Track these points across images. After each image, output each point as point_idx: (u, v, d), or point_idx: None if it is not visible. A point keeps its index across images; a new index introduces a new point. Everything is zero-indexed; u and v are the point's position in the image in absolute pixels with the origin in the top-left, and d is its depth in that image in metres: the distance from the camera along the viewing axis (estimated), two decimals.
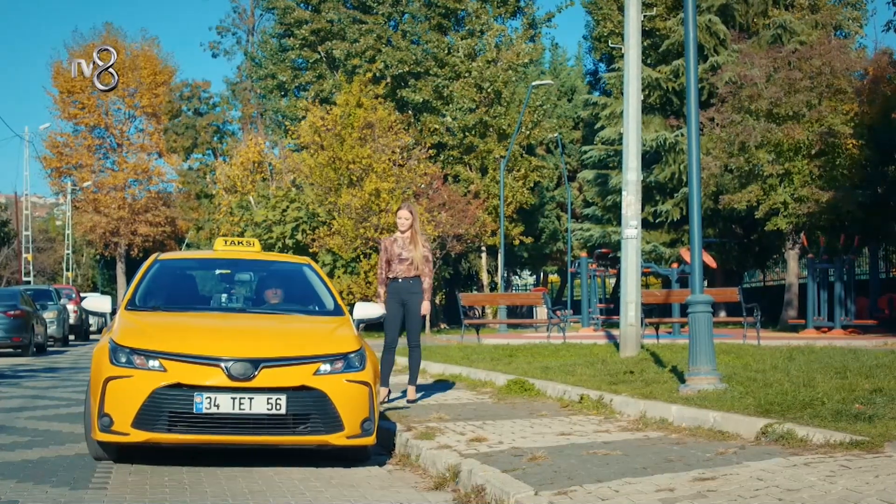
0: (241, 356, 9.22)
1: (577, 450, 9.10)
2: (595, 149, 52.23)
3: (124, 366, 9.23)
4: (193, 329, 10.16)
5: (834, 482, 6.95)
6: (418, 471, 9.33)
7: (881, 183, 41.88)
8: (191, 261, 13.78)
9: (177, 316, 10.73)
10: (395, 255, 13.91)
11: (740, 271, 53.75)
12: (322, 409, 9.23)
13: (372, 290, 37.47)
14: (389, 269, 14.00)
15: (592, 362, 17.45)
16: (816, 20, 45.04)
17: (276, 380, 9.18)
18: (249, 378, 9.10)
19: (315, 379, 9.31)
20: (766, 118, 37.82)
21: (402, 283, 13.92)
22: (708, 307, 12.67)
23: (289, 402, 9.12)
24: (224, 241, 12.58)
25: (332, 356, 9.58)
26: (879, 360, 15.00)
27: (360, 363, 9.68)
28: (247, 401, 9.06)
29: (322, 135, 38.72)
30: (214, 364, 9.15)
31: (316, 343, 9.92)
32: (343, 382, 9.40)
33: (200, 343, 9.53)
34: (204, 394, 9.05)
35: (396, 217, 14.29)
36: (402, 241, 13.97)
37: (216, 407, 9.02)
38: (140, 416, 9.02)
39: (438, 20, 54.30)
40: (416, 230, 14.11)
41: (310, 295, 11.81)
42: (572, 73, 75.28)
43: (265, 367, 9.18)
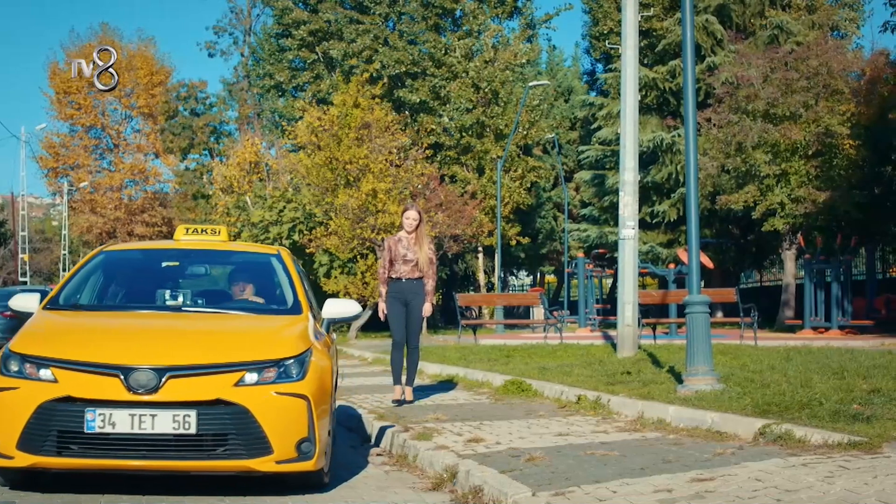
0: (144, 364, 7.78)
1: (575, 450, 9.10)
2: (592, 149, 52.22)
3: (13, 375, 7.88)
4: (100, 331, 8.74)
5: (832, 483, 6.94)
6: (416, 471, 9.31)
7: (878, 183, 41.88)
8: (138, 252, 11.88)
9: (95, 316, 9.35)
10: (400, 255, 13.64)
11: (737, 272, 53.76)
12: (243, 427, 7.75)
13: (369, 291, 37.43)
14: (392, 268, 13.71)
15: (590, 363, 17.47)
16: (813, 21, 45.07)
17: (186, 392, 7.74)
18: (152, 390, 7.67)
19: (235, 391, 7.81)
20: (763, 118, 37.82)
21: (406, 284, 13.68)
22: (705, 308, 12.67)
23: (200, 420, 7.67)
24: (185, 228, 10.91)
25: (260, 363, 8.05)
26: (877, 361, 15.01)
27: (298, 372, 8.13)
28: (148, 418, 7.63)
29: (319, 135, 38.66)
30: (113, 373, 7.73)
31: (245, 347, 8.33)
32: (271, 395, 7.90)
33: (102, 348, 8.07)
34: (97, 409, 7.61)
35: (403, 217, 13.87)
36: (406, 241, 13.70)
37: (111, 425, 7.59)
38: (25, 435, 7.65)
39: (435, 20, 54.23)
40: (423, 232, 13.89)
41: (271, 290, 10.19)
42: (569, 73, 75.25)
43: (172, 377, 7.75)
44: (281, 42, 57.78)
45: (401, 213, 14.18)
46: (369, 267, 37.67)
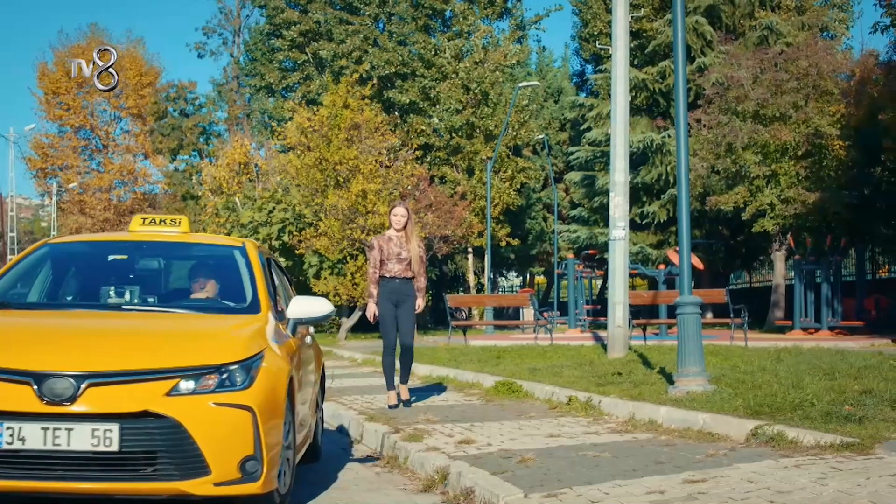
0: (60, 370, 6.67)
1: (567, 451, 9.06)
2: (582, 150, 52.25)
3: None
4: (16, 333, 7.53)
5: (825, 484, 6.91)
6: (407, 473, 9.28)
7: (867, 184, 41.90)
8: (86, 244, 10.42)
9: (20, 316, 8.18)
10: (393, 253, 13.26)
11: (727, 273, 53.76)
12: (175, 444, 6.64)
13: (358, 292, 37.40)
14: (383, 268, 13.29)
15: (580, 363, 17.44)
16: (803, 21, 45.13)
17: (107, 403, 6.62)
18: (68, 400, 6.57)
19: (166, 402, 6.68)
20: (753, 119, 37.84)
21: (398, 284, 13.31)
22: (697, 308, 12.65)
23: (124, 435, 6.56)
24: (141, 219, 9.63)
25: (199, 369, 6.91)
26: (867, 362, 15.00)
27: (244, 379, 6.98)
28: (63, 433, 6.53)
29: (308, 136, 38.60)
30: (23, 381, 6.64)
31: (183, 351, 7.13)
32: (209, 407, 6.76)
33: (13, 352, 6.92)
34: (5, 422, 6.53)
35: (391, 215, 13.51)
36: (397, 239, 13.34)
37: (21, 441, 6.52)
38: None
39: (425, 21, 54.26)
40: (412, 229, 13.54)
41: (230, 286, 8.80)
42: (559, 74, 75.22)
43: (92, 385, 6.65)
44: (272, 42, 57.74)
45: (389, 211, 13.83)
46: (359, 268, 37.63)
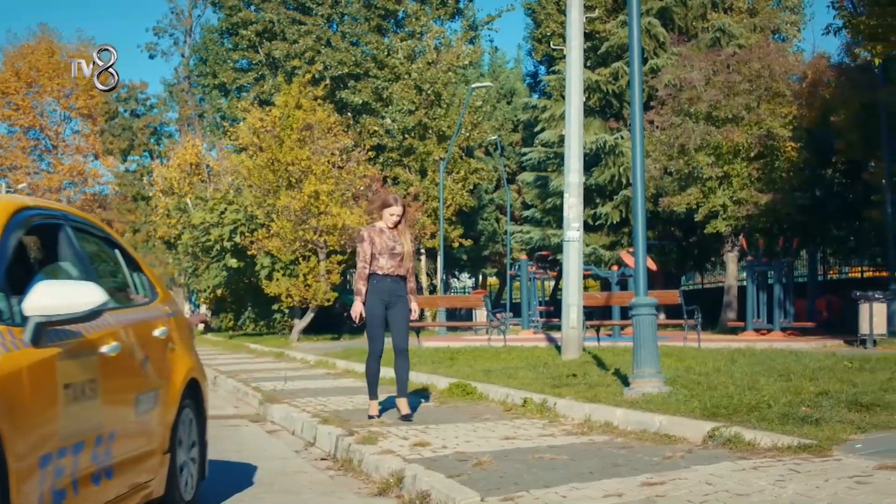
0: None
1: (523, 454, 8.98)
2: (535, 151, 52.25)
3: None
4: None
5: (784, 486, 6.86)
6: (361, 476, 9.14)
7: (819, 186, 42.20)
8: None
9: None
10: (387, 248, 11.96)
11: (679, 274, 53.95)
12: None
13: (311, 293, 37.23)
14: (373, 264, 11.99)
15: (535, 365, 17.40)
16: (755, 24, 45.34)
17: None
18: None
19: None
20: (706, 121, 37.99)
21: (391, 283, 12.05)
22: (652, 310, 12.63)
23: None
24: None
25: None
26: (822, 363, 15.04)
27: None
28: None
29: (261, 136, 38.42)
30: None
31: None
32: None
33: None
34: None
35: (385, 212, 12.16)
36: (389, 232, 12.07)
37: None
38: None
39: (378, 22, 54.18)
40: (404, 225, 12.33)
41: None
42: (511, 75, 75.34)
43: None
44: (227, 42, 57.49)
45: (378, 207, 12.46)
46: (311, 269, 37.47)
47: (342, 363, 22.40)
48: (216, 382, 20.86)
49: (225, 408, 15.79)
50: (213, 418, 14.04)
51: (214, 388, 19.92)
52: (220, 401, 17.03)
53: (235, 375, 20.87)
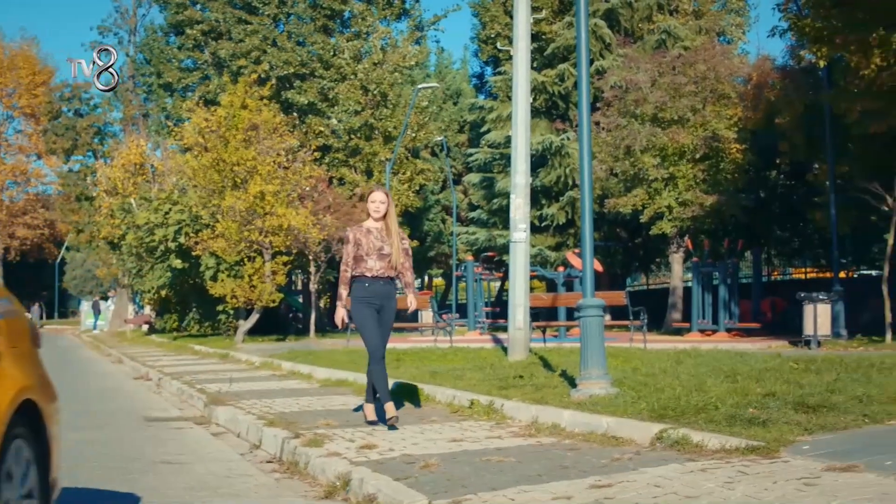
0: None
1: (470, 457, 8.93)
2: (481, 152, 52.30)
3: None
4: None
5: (732, 488, 6.85)
6: (307, 479, 9.07)
7: (764, 187, 42.51)
8: None
9: None
10: (374, 248, 11.34)
11: (624, 275, 54.14)
12: None
13: (256, 294, 37.05)
14: (360, 266, 11.37)
15: (481, 367, 17.35)
16: (700, 26, 45.55)
17: None
18: None
19: None
20: (652, 122, 38.13)
21: (380, 286, 11.41)
22: (600, 311, 12.61)
23: None
24: None
25: None
26: (768, 364, 15.08)
27: None
28: None
29: (206, 136, 38.23)
30: None
31: None
32: None
33: None
34: None
35: (368, 201, 11.55)
36: (377, 231, 11.44)
37: None
38: None
39: (324, 22, 53.98)
40: (392, 219, 11.57)
41: None
42: (458, 76, 75.40)
43: None
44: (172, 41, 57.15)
45: (365, 197, 11.76)
46: (257, 270, 37.30)
47: (287, 365, 22.33)
48: (160, 384, 20.73)
49: (169, 410, 15.68)
50: (157, 421, 14.00)
51: (159, 391, 19.81)
52: (165, 403, 16.93)
53: (180, 377, 20.73)
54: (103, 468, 9.67)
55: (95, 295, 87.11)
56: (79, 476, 9.09)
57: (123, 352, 36.41)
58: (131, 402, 17.18)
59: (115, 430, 13.00)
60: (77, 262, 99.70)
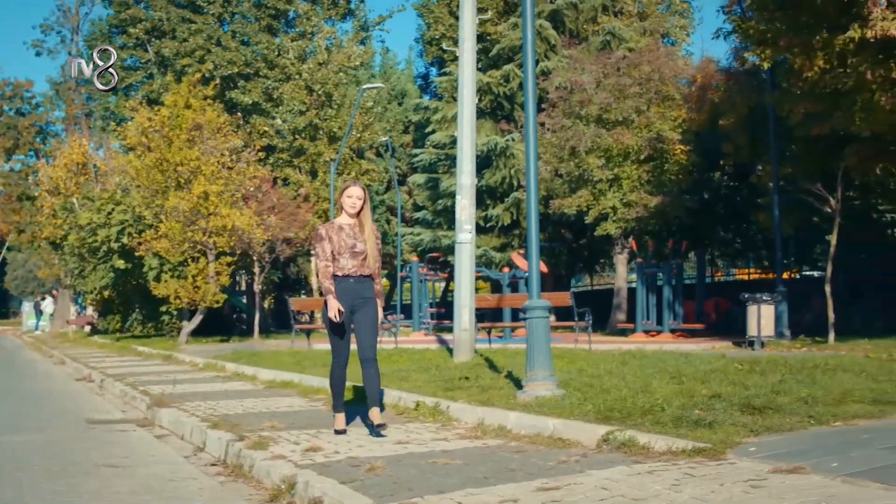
0: None
1: (416, 459, 8.87)
2: (426, 152, 52.30)
3: None
4: None
5: (680, 491, 6.83)
6: (252, 482, 8.97)
7: (707, 188, 42.71)
8: None
9: None
10: (346, 246, 10.66)
11: (569, 275, 54.26)
12: None
13: (199, 295, 36.82)
14: (333, 264, 10.72)
15: (426, 368, 17.32)
16: (645, 27, 45.77)
17: None
18: None
19: None
20: (596, 123, 38.26)
21: (354, 285, 10.73)
22: (546, 312, 12.60)
23: None
24: None
25: None
26: (712, 365, 15.13)
27: None
28: None
29: (149, 136, 37.99)
30: None
31: None
32: None
33: None
34: None
35: (344, 196, 10.88)
36: (349, 229, 10.78)
37: None
38: None
39: (269, 21, 53.82)
40: (367, 215, 10.91)
41: None
42: (403, 76, 75.41)
43: None
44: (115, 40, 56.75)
45: (339, 194, 11.19)
46: (200, 271, 37.07)
47: (231, 366, 22.21)
48: (103, 386, 20.55)
49: (112, 412, 15.52)
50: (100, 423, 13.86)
51: (102, 392, 19.63)
52: (108, 405, 16.76)
53: (123, 379, 20.55)
54: (45, 472, 9.54)
55: (37, 296, 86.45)
56: (21, 480, 8.97)
57: (66, 353, 36.08)
58: (74, 404, 16.99)
59: (57, 432, 12.84)
60: (18, 263, 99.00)
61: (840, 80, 24.05)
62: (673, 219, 39.33)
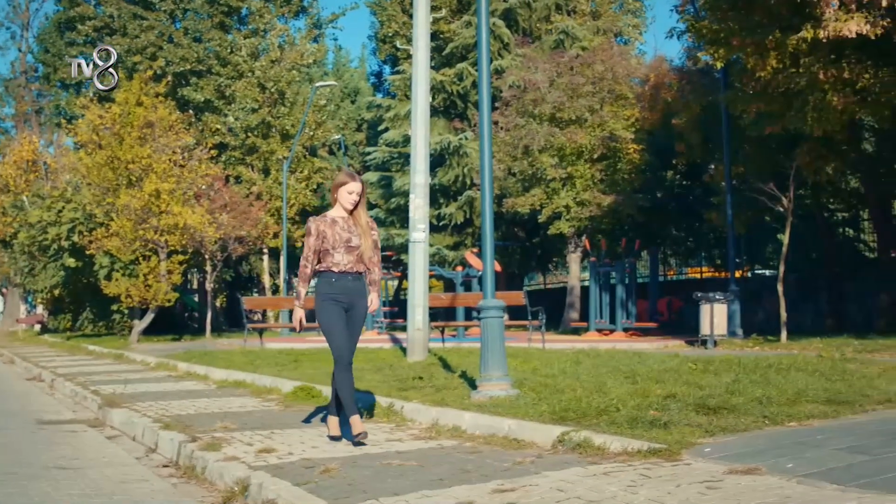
0: None
1: (371, 460, 8.81)
2: (379, 151, 52.21)
3: None
4: None
5: (636, 492, 6.80)
6: (205, 484, 8.88)
7: (660, 187, 42.84)
8: None
9: None
10: (341, 241, 9.97)
11: (522, 274, 54.30)
12: None
13: (151, 294, 36.63)
14: (326, 260, 10.00)
15: (380, 367, 17.29)
16: (598, 26, 45.87)
17: None
18: None
19: None
20: (550, 122, 38.30)
21: (350, 282, 10.01)
22: (500, 312, 12.55)
23: None
24: None
25: None
26: (666, 365, 15.13)
27: None
28: None
29: (100, 133, 37.79)
30: None
31: None
32: None
33: None
34: None
35: (341, 191, 10.14)
36: (343, 222, 10.08)
37: None
38: None
39: (221, 18, 53.63)
40: (362, 209, 10.20)
41: None
42: (356, 74, 75.34)
43: None
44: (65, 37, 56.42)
45: (334, 187, 10.27)
46: (152, 269, 36.89)
47: (183, 365, 22.09)
48: (53, 385, 20.39)
49: (63, 412, 15.38)
50: (50, 423, 13.72)
51: (52, 392, 19.47)
52: (58, 405, 16.62)
53: (74, 378, 20.38)
54: None
55: None
56: None
57: (15, 352, 35.82)
58: (23, 404, 16.84)
59: (6, 433, 12.70)
60: None
61: (792, 80, 24.17)
62: (626, 217, 39.42)
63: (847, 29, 21.67)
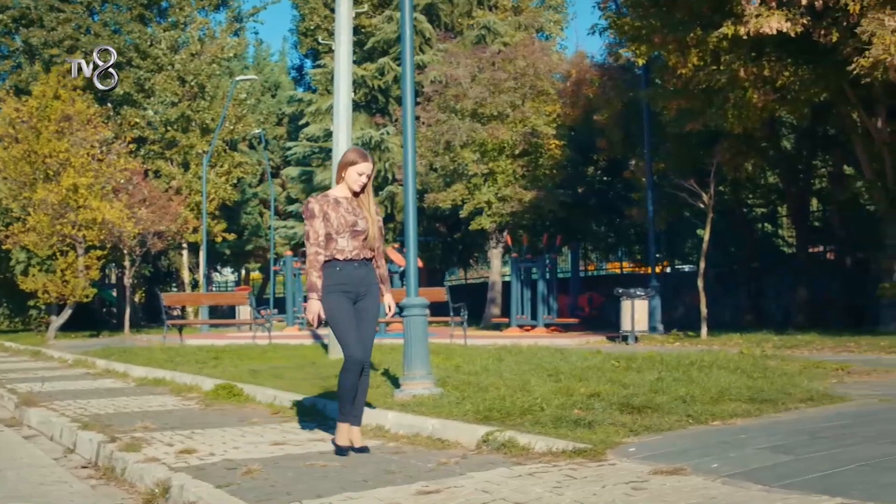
0: None
1: (293, 461, 8.71)
2: (299, 145, 52.10)
3: None
4: None
5: (561, 493, 6.75)
6: (125, 486, 8.73)
7: (582, 183, 43.01)
8: None
9: None
10: (346, 224, 8.79)
11: (442, 270, 54.34)
12: None
13: (69, 289, 36.25)
14: (329, 246, 8.84)
15: (301, 365, 17.19)
16: (520, 22, 45.99)
17: None
18: None
19: None
20: (471, 118, 38.32)
21: (357, 270, 8.90)
22: (424, 310, 12.48)
23: None
24: None
25: None
26: (589, 362, 15.14)
27: None
28: None
29: (17, 127, 37.35)
30: None
31: None
32: None
33: None
34: None
35: (352, 171, 8.90)
36: (346, 203, 8.90)
37: None
38: None
39: (140, 11, 53.11)
40: (369, 190, 9.05)
41: None
42: (276, 68, 75.07)
43: None
44: None
45: (342, 166, 8.95)
46: (70, 264, 36.52)
47: (102, 362, 21.84)
48: None
49: None
50: None
51: None
52: None
53: None
54: None
55: None
56: None
57: None
58: None
59: None
60: None
61: (713, 78, 24.33)
62: (547, 213, 39.55)
63: (768, 26, 21.85)
